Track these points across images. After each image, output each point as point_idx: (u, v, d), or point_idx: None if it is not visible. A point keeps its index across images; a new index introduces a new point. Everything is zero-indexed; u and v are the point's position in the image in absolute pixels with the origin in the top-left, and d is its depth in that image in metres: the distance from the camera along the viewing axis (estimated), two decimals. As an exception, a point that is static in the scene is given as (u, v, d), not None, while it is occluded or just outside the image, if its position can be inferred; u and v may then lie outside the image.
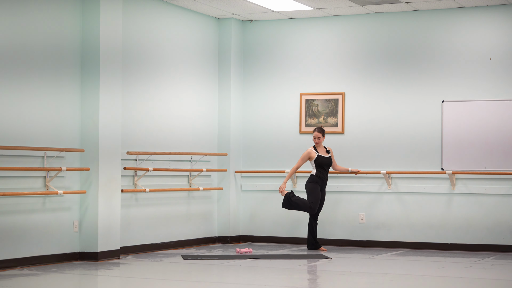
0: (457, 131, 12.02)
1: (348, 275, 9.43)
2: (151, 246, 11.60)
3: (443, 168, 12.08)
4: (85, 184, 10.41)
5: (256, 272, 9.57)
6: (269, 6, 12.15)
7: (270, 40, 13.12)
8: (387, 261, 10.75)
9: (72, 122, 10.31)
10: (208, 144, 12.79)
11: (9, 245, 9.51)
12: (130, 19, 11.23)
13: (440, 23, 12.18)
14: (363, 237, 12.52)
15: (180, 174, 12.16)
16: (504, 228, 11.82)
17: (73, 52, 10.34)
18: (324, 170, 11.81)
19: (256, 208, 13.13)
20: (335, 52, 12.76)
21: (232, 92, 12.98)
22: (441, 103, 12.15)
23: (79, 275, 9.23)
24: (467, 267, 10.01)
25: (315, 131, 11.79)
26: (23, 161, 9.68)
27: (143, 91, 11.51)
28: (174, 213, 12.11)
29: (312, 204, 11.70)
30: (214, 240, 12.91)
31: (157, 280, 8.93)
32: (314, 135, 11.78)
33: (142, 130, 11.46)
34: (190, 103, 12.43)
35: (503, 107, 11.83)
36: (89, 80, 10.38)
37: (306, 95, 12.85)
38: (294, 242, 12.81)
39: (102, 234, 10.37)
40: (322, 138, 11.77)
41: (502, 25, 11.90)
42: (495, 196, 11.87)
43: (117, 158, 10.63)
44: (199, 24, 12.63)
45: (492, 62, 11.92)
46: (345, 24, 12.70)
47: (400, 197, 12.36)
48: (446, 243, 12.09)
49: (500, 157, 11.80)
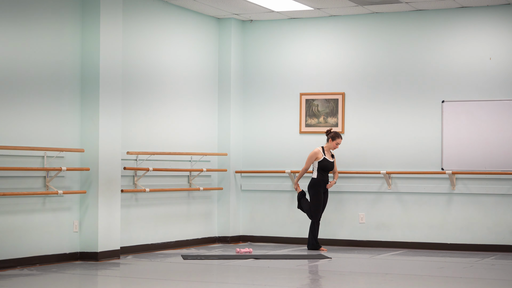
0: (457, 131, 12.03)
1: (348, 275, 9.43)
2: (151, 246, 11.60)
3: (443, 168, 12.08)
4: (85, 184, 10.41)
5: (256, 272, 9.57)
6: (269, 6, 12.15)
7: (270, 40, 13.12)
8: (387, 261, 10.75)
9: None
10: (208, 144, 12.79)
11: (9, 245, 9.51)
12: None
13: (440, 23, 12.18)
14: (363, 237, 12.52)
15: (180, 174, 12.16)
16: (504, 228, 11.82)
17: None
18: (326, 173, 11.83)
19: (256, 208, 13.13)
20: (335, 52, 12.76)
21: (233, 93, 12.97)
22: (441, 103, 12.15)
23: (79, 275, 9.23)
24: (467, 267, 10.01)
25: (339, 137, 11.77)
26: (23, 161, 9.68)
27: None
28: (174, 213, 12.11)
29: (314, 214, 11.77)
30: (214, 240, 12.91)
31: (157, 280, 8.93)
32: (338, 142, 11.76)
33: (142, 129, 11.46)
34: (191, 103, 12.42)
35: (503, 107, 11.83)
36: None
37: (306, 95, 12.85)
38: (294, 242, 12.81)
39: (102, 234, 10.38)
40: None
41: (502, 25, 11.90)
42: (495, 196, 11.88)
43: (117, 158, 10.63)
44: (199, 24, 12.63)
45: (492, 62, 11.92)
46: (345, 24, 12.70)
47: (400, 197, 12.36)
48: (446, 243, 12.09)
49: (500, 157, 11.80)
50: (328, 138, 11.84)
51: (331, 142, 11.81)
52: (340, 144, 12.00)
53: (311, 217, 11.85)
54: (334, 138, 11.80)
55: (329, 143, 11.83)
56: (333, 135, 11.82)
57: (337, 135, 11.81)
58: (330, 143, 11.82)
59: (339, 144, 11.84)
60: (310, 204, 11.83)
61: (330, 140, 11.82)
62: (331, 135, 11.82)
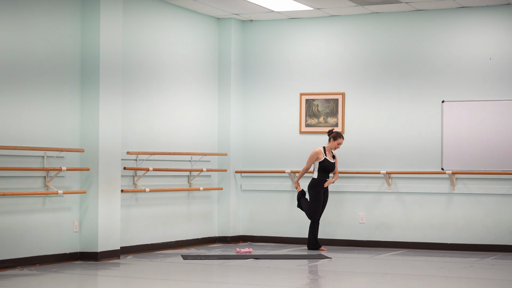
0: (457, 131, 12.02)
1: (348, 275, 9.43)
2: (151, 246, 11.60)
3: (443, 168, 12.08)
4: (85, 184, 10.41)
5: (256, 272, 9.57)
6: (269, 6, 12.15)
7: (270, 40, 13.12)
8: (387, 261, 10.74)
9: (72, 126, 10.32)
10: (208, 144, 12.79)
11: (9, 245, 9.51)
12: (130, 23, 11.22)
13: (440, 23, 12.18)
14: (363, 237, 12.52)
15: (180, 174, 12.16)
16: (504, 228, 11.82)
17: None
18: (326, 174, 11.83)
19: (256, 208, 13.13)
20: (335, 52, 12.76)
21: (232, 93, 12.97)
22: (441, 103, 12.15)
23: (79, 275, 9.23)
24: (467, 267, 10.01)
25: (340, 137, 11.77)
26: (23, 161, 9.68)
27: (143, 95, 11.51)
28: (174, 213, 12.11)
29: (312, 214, 11.77)
30: (214, 240, 12.91)
31: (157, 280, 8.93)
32: (340, 142, 11.75)
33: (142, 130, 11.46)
34: (191, 103, 12.42)
35: (503, 107, 11.83)
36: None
37: (306, 95, 12.85)
38: (294, 242, 12.81)
39: (102, 234, 10.38)
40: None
41: (502, 25, 11.90)
42: (495, 196, 11.88)
43: (117, 158, 10.63)
44: (199, 24, 12.63)
45: (492, 62, 11.92)
46: (345, 24, 12.70)
47: (400, 197, 12.36)
48: (446, 243, 12.09)
49: (500, 157, 11.80)
50: (330, 138, 11.84)
51: (332, 142, 11.81)
52: (341, 145, 12.00)
53: (310, 217, 11.86)
54: (336, 138, 11.80)
55: (331, 143, 11.82)
56: (335, 135, 11.81)
57: (339, 135, 11.81)
58: (331, 143, 11.82)
59: (340, 144, 11.84)
60: (309, 204, 11.83)
61: (332, 140, 11.81)
62: (333, 135, 11.82)
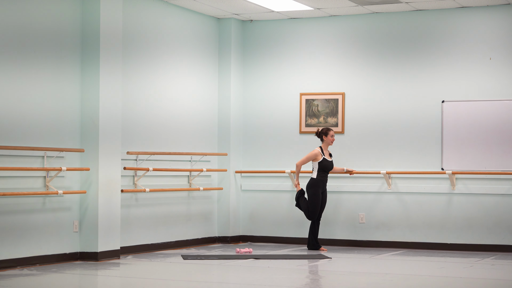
0: (457, 131, 12.02)
1: (348, 275, 9.43)
2: (151, 246, 11.59)
3: (443, 168, 12.08)
4: (85, 184, 10.41)
5: (256, 272, 9.57)
6: (269, 6, 12.15)
7: (270, 40, 13.12)
8: (387, 261, 10.75)
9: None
10: (208, 144, 12.79)
11: (9, 245, 9.51)
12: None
13: (440, 23, 12.18)
14: (363, 237, 12.52)
15: (180, 174, 12.16)
16: (504, 228, 11.82)
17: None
18: (326, 173, 11.82)
19: (256, 208, 13.13)
20: (335, 52, 12.76)
21: (232, 92, 12.98)
22: (441, 103, 12.15)
23: (79, 275, 9.22)
24: (467, 267, 10.01)
25: (329, 130, 11.78)
26: (23, 161, 9.68)
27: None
28: (174, 213, 12.11)
29: (311, 214, 11.76)
30: (214, 240, 12.91)
31: (157, 280, 8.93)
32: (332, 134, 11.77)
33: (142, 129, 11.45)
34: (191, 98, 12.42)
35: (503, 107, 11.83)
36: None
37: (306, 95, 12.84)
38: (294, 242, 12.81)
39: (102, 234, 10.37)
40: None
41: (502, 25, 11.90)
42: (495, 196, 11.87)
43: (117, 158, 10.63)
44: (199, 24, 12.62)
45: (492, 62, 11.92)
46: (345, 24, 12.70)
47: (400, 197, 12.36)
48: (446, 243, 12.09)
49: (500, 157, 11.80)
50: (321, 136, 11.83)
51: (325, 138, 11.80)
52: (334, 136, 11.96)
53: (308, 216, 11.84)
54: (326, 134, 11.80)
55: (325, 140, 11.82)
56: (324, 131, 11.82)
57: (327, 128, 11.83)
58: (326, 139, 11.81)
59: (333, 136, 11.82)
60: (308, 203, 11.80)
61: (324, 137, 11.81)
62: (323, 132, 11.83)
